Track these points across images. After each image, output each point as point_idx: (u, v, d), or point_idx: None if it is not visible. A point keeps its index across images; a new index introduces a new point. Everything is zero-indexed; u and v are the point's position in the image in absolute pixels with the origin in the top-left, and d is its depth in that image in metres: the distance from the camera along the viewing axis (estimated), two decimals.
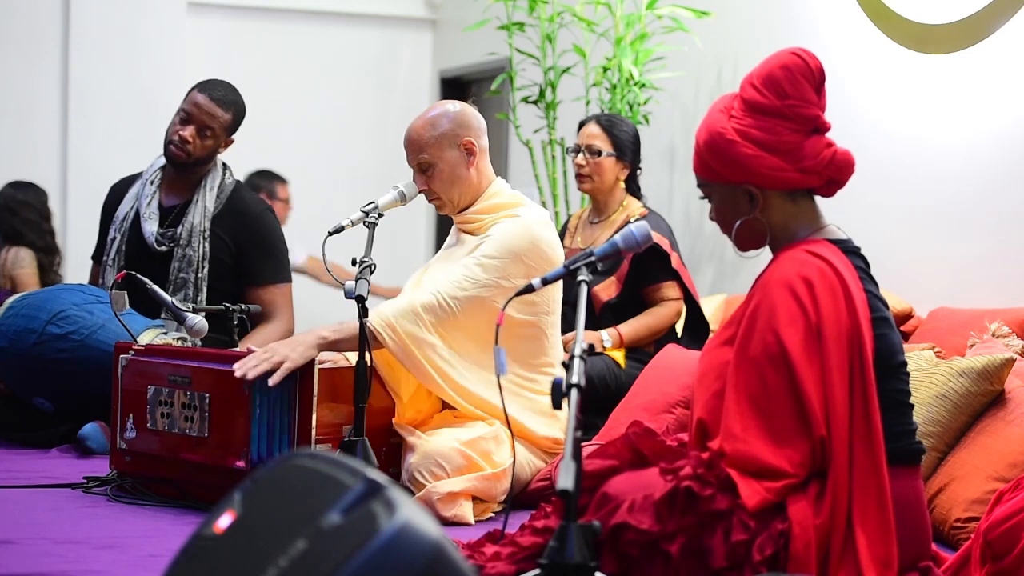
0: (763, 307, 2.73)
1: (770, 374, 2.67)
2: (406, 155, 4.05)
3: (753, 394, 2.68)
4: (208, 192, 4.85)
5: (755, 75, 2.83)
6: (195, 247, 4.78)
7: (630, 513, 2.60)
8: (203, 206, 4.82)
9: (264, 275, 4.87)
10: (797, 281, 2.72)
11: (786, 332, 2.68)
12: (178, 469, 3.79)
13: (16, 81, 7.84)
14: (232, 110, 4.85)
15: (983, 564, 2.93)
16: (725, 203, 2.86)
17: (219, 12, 8.44)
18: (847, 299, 2.72)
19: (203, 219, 4.80)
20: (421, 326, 3.82)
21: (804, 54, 2.84)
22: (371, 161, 8.57)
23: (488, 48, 7.25)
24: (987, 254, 4.94)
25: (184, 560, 2.10)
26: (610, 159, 5.02)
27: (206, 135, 4.79)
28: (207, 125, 4.79)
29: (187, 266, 4.78)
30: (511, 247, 3.92)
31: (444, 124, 4.00)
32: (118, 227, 4.92)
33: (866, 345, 2.71)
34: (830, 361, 2.67)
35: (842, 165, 2.82)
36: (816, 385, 2.66)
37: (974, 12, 4.93)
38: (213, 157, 4.87)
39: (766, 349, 2.68)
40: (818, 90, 2.83)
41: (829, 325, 2.69)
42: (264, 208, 4.96)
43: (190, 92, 4.87)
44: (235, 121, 4.86)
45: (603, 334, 4.81)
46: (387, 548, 1.92)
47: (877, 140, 5.25)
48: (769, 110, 2.79)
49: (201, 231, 4.79)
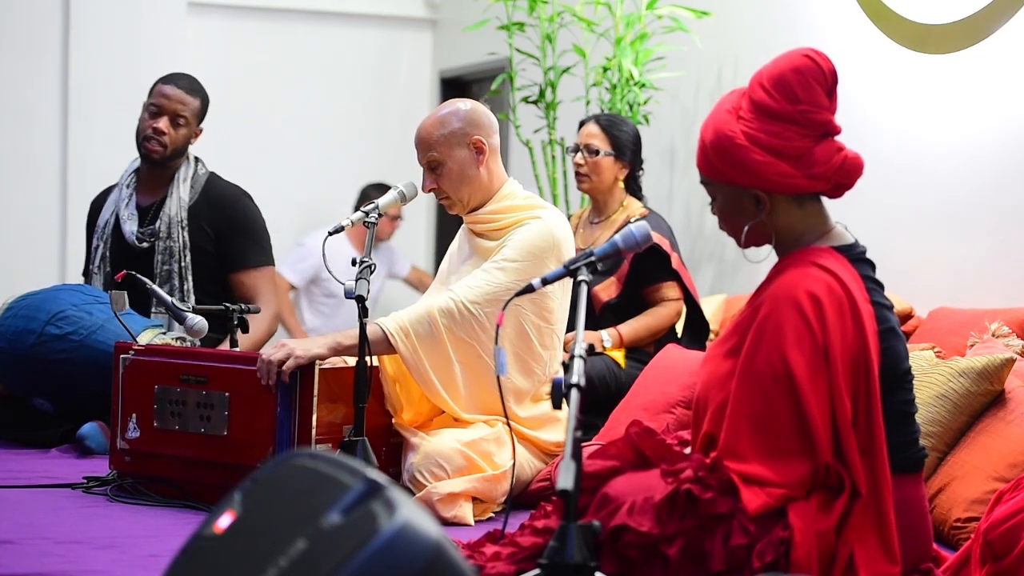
0: (769, 323, 2.68)
1: (775, 394, 2.64)
2: (416, 153, 4.04)
3: (756, 413, 2.65)
4: (182, 184, 4.91)
5: (765, 75, 2.76)
6: (175, 238, 4.82)
7: (630, 515, 2.60)
8: (178, 197, 4.88)
9: (245, 259, 4.90)
10: (804, 298, 2.67)
11: (792, 353, 2.63)
12: (186, 469, 3.80)
13: (16, 81, 7.83)
14: (199, 97, 4.94)
15: (983, 564, 2.92)
16: (730, 204, 2.81)
17: (219, 12, 8.43)
18: (855, 316, 2.68)
19: (180, 209, 4.86)
20: (435, 331, 3.81)
21: (816, 56, 2.77)
22: (371, 161, 8.57)
23: (488, 48, 7.25)
24: (987, 254, 4.94)
25: (184, 560, 2.10)
26: (608, 159, 5.01)
27: (179, 123, 4.87)
28: (179, 114, 4.87)
29: (169, 257, 4.82)
30: (532, 249, 3.90)
31: (454, 122, 3.99)
32: (100, 235, 4.98)
33: (872, 363, 2.68)
34: (837, 382, 2.63)
35: (851, 169, 2.77)
36: (822, 407, 2.62)
37: (974, 12, 4.93)
38: (186, 148, 4.92)
39: (771, 368, 2.64)
40: (830, 93, 2.76)
41: (836, 344, 2.64)
42: (240, 194, 4.98)
43: (154, 87, 4.98)
44: (203, 108, 4.94)
45: (603, 334, 4.81)
46: (387, 548, 1.92)
47: (877, 140, 5.25)
48: (779, 114, 2.72)
49: (179, 221, 4.84)
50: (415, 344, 3.79)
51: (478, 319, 3.84)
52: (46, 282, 5.93)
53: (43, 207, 7.84)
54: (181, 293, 4.79)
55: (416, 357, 3.80)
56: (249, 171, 7.59)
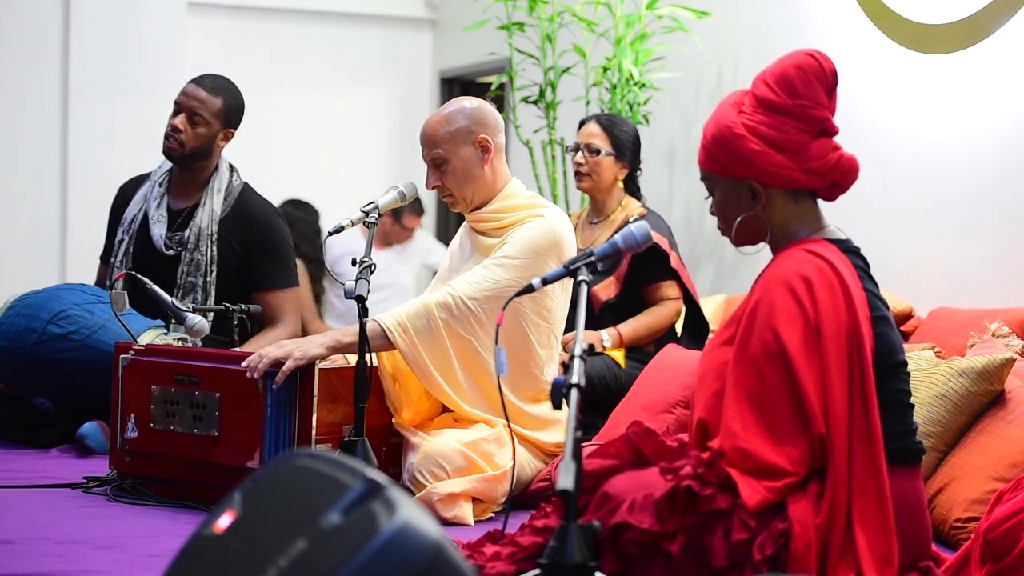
0: (762, 306, 2.73)
1: (769, 372, 2.68)
2: (421, 150, 4.03)
3: (752, 392, 2.68)
4: (215, 195, 4.82)
5: (768, 73, 2.84)
6: (203, 251, 4.75)
7: (630, 513, 2.60)
8: (210, 209, 4.79)
9: (270, 280, 4.84)
10: (796, 279, 2.72)
11: (785, 330, 2.68)
12: (184, 469, 3.80)
13: (16, 81, 7.83)
14: (222, 96, 4.82)
15: (983, 564, 2.93)
16: (727, 198, 2.86)
17: (219, 12, 8.44)
18: (846, 297, 2.73)
19: (211, 222, 4.77)
20: (433, 326, 3.81)
21: (819, 56, 2.84)
22: (371, 160, 8.57)
23: (488, 48, 7.25)
24: (987, 254, 4.94)
25: (184, 560, 2.10)
26: (608, 158, 5.02)
27: (195, 121, 4.77)
28: (195, 111, 4.77)
29: (195, 270, 4.75)
30: (533, 247, 3.90)
31: (460, 120, 3.98)
32: (126, 229, 4.89)
33: (865, 344, 2.71)
34: (829, 359, 2.68)
35: (847, 170, 2.82)
36: (815, 383, 2.66)
37: (974, 12, 4.93)
38: (210, 149, 4.82)
39: (765, 347, 2.69)
40: (829, 93, 2.83)
41: (828, 323, 2.69)
42: (271, 212, 4.91)
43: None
44: (227, 108, 4.82)
45: (603, 334, 4.81)
46: (387, 548, 1.92)
47: (877, 140, 5.25)
48: (780, 108, 2.79)
49: (209, 235, 4.76)
50: (414, 339, 3.79)
51: (476, 315, 3.84)
52: (46, 281, 5.93)
53: (43, 207, 7.84)
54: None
55: (415, 352, 3.80)
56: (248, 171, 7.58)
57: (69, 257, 7.74)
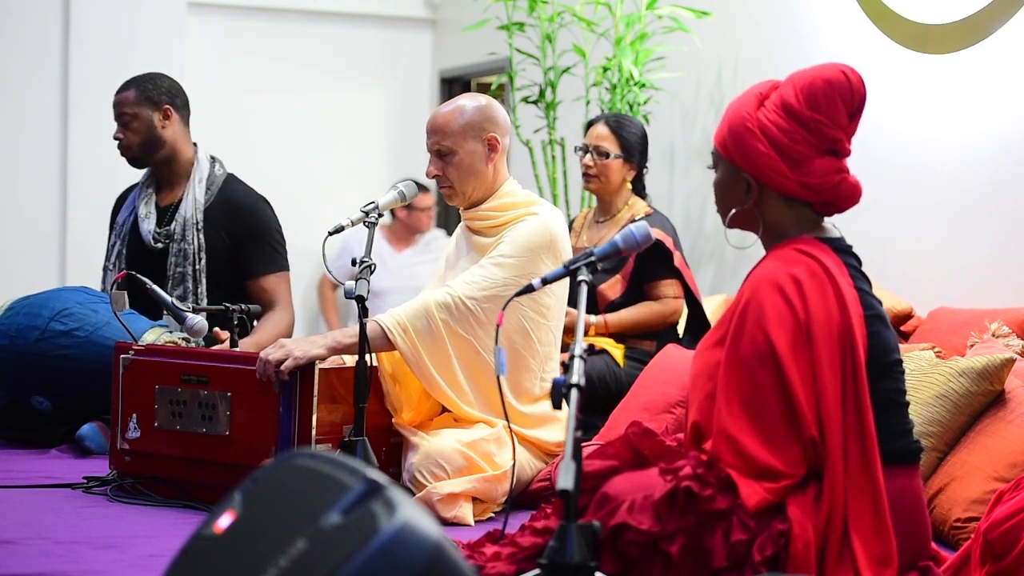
0: (752, 306, 2.73)
1: (760, 374, 2.68)
2: (426, 138, 4.02)
3: (743, 394, 2.68)
4: (197, 185, 4.89)
5: (800, 77, 2.82)
6: (189, 240, 4.81)
7: (630, 513, 2.60)
8: (193, 198, 4.87)
9: (261, 266, 4.89)
10: (786, 280, 2.72)
11: (775, 331, 2.68)
12: (189, 468, 3.80)
13: (16, 81, 7.83)
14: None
15: (983, 564, 2.93)
16: (725, 181, 2.88)
17: (219, 12, 8.44)
18: (837, 297, 2.72)
19: (195, 211, 4.84)
20: (433, 326, 3.81)
21: (851, 75, 2.81)
22: (371, 160, 8.57)
23: (488, 48, 7.25)
24: (987, 254, 4.94)
25: (184, 560, 2.10)
26: (617, 161, 5.05)
27: (125, 122, 4.89)
28: (121, 114, 4.91)
29: (183, 259, 4.81)
30: (529, 245, 3.91)
31: (472, 114, 3.99)
32: (118, 232, 4.98)
33: (858, 344, 2.70)
34: (820, 360, 2.67)
35: (847, 194, 2.82)
36: (805, 385, 2.66)
37: (974, 12, 4.93)
38: (157, 136, 4.88)
39: (755, 348, 2.69)
40: (852, 115, 2.81)
41: (818, 324, 2.69)
42: (256, 199, 4.96)
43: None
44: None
45: (591, 317, 4.85)
46: (387, 548, 1.93)
47: (877, 140, 5.25)
48: (797, 116, 2.78)
49: (194, 223, 4.83)
50: (414, 339, 3.79)
51: (475, 315, 3.84)
52: (46, 283, 5.95)
53: (43, 207, 7.83)
54: (195, 296, 4.77)
55: (415, 353, 3.80)
56: (248, 171, 7.58)
57: (69, 258, 7.73)
